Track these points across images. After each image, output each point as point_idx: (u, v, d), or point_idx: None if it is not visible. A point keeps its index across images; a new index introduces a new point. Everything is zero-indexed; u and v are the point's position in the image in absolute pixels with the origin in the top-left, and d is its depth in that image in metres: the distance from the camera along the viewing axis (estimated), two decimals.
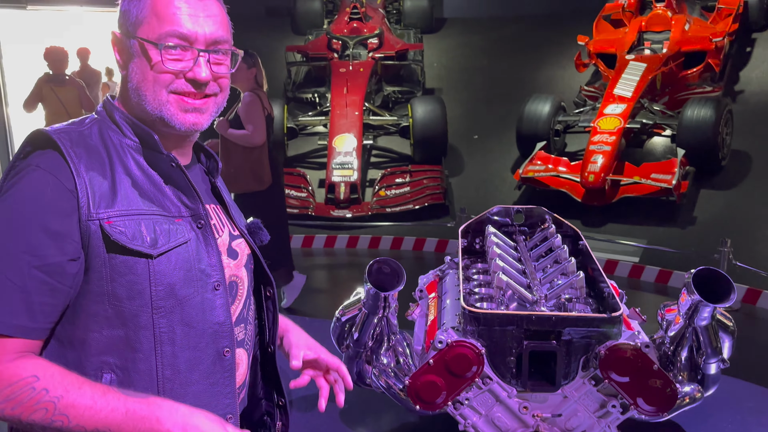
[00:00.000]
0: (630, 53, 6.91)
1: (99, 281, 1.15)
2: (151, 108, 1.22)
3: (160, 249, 1.18)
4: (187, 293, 1.21)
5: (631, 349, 1.54)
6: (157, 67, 1.21)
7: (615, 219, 6.04)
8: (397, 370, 1.82)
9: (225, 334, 1.28)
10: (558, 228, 2.14)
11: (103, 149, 1.19)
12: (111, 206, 1.15)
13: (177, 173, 1.25)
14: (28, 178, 1.13)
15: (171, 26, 1.20)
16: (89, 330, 1.16)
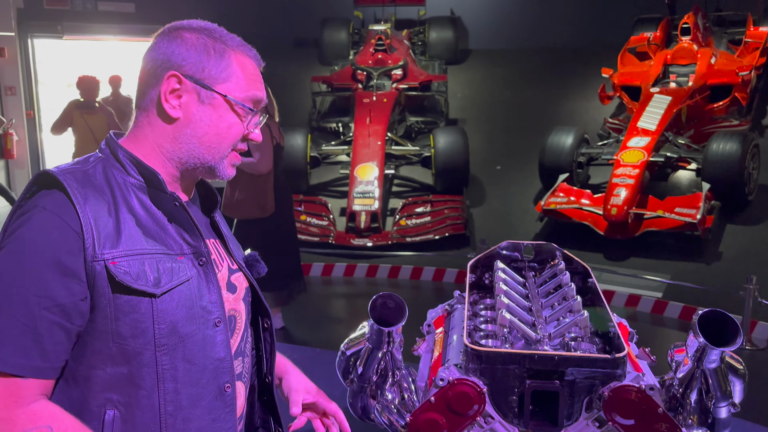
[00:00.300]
0: (655, 86, 6.89)
1: (104, 320, 1.17)
2: (208, 158, 1.28)
3: (163, 288, 1.20)
4: (189, 330, 1.23)
5: (635, 391, 1.51)
6: (236, 126, 1.29)
7: (638, 253, 5.96)
8: (400, 406, 1.81)
9: (226, 369, 1.30)
10: (568, 264, 2.12)
11: (107, 189, 1.21)
12: (115, 246, 1.17)
13: (180, 212, 1.27)
14: (35, 220, 1.15)
15: (254, 91, 1.30)
16: (93, 367, 1.18)
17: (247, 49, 1.32)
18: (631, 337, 2.03)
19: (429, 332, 2.15)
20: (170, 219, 1.26)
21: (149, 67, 1.27)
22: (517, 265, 2.19)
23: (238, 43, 1.31)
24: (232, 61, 1.27)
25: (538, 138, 7.03)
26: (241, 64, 1.29)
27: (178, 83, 1.25)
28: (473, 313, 2.00)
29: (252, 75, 1.31)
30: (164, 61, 1.25)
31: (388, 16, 9.83)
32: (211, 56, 1.26)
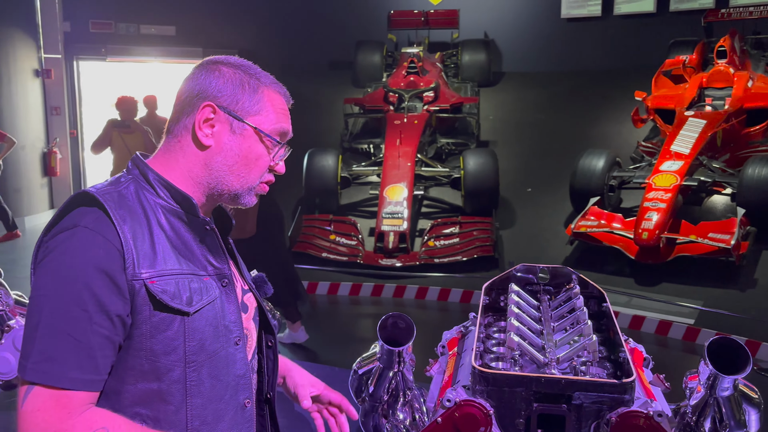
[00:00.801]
0: (690, 109, 6.80)
1: (140, 337, 1.21)
2: (236, 187, 1.34)
3: (195, 307, 1.25)
4: (215, 348, 1.28)
5: (643, 417, 1.51)
6: (263, 159, 1.35)
7: (670, 278, 5.85)
8: (411, 427, 1.82)
9: (245, 386, 1.35)
10: (583, 288, 2.12)
11: (140, 210, 1.26)
12: (153, 266, 1.22)
13: (210, 236, 1.34)
14: (79, 238, 1.18)
15: (282, 125, 1.36)
16: (124, 382, 1.22)
17: (279, 87, 1.39)
18: (646, 363, 2.01)
19: (443, 353, 2.16)
20: (200, 242, 1.32)
21: (186, 96, 1.33)
22: (532, 288, 2.20)
23: (271, 80, 1.38)
24: (263, 97, 1.34)
25: (569, 161, 6.99)
26: (272, 99, 1.35)
27: (213, 113, 1.30)
28: (486, 336, 2.01)
29: (281, 110, 1.37)
30: (201, 92, 1.31)
31: (422, 39, 9.93)
32: (246, 91, 1.32)
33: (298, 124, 5.76)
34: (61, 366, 1.12)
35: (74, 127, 10.93)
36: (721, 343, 1.56)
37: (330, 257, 6.71)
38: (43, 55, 10.43)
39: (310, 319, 5.94)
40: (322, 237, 6.92)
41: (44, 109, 10.49)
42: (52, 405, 1.11)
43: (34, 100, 10.24)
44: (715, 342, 1.55)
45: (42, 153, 10.38)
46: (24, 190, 9.85)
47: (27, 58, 10.09)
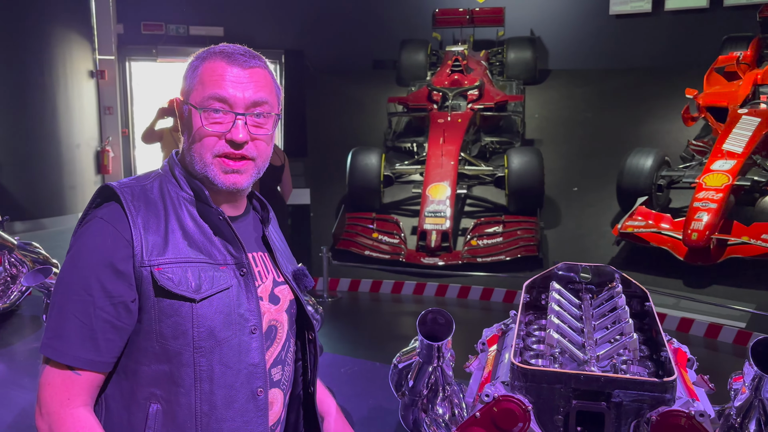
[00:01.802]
0: (743, 107, 6.60)
1: (149, 321, 1.28)
2: (199, 168, 1.35)
3: (203, 294, 1.29)
4: (226, 335, 1.32)
5: (684, 417, 1.49)
6: (200, 131, 1.33)
7: (720, 280, 5.70)
8: (450, 422, 1.84)
9: (259, 375, 1.37)
10: (626, 287, 2.10)
11: (160, 202, 1.33)
12: (162, 254, 1.28)
13: (224, 226, 1.37)
14: (93, 228, 1.29)
15: (212, 90, 1.31)
16: (140, 363, 1.30)
17: (227, 55, 1.33)
18: (690, 364, 1.98)
19: (483, 350, 2.17)
20: (216, 232, 1.36)
21: None
22: (574, 287, 2.19)
23: (220, 51, 1.34)
24: (199, 72, 1.34)
25: (616, 160, 6.87)
26: (208, 69, 1.32)
27: (177, 106, 1.39)
28: (527, 333, 2.01)
29: (217, 76, 1.31)
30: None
31: (467, 37, 9.89)
32: (188, 74, 1.36)
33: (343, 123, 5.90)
34: (67, 344, 1.23)
35: (126, 127, 11.25)
36: (765, 343, 1.53)
37: (372, 255, 6.76)
38: (97, 56, 10.77)
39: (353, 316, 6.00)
40: (365, 235, 6.98)
41: (98, 109, 10.83)
42: (59, 383, 1.23)
43: (88, 100, 10.59)
44: (761, 342, 1.52)
45: (95, 151, 10.72)
46: (78, 188, 10.19)
47: (82, 60, 10.44)
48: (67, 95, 9.93)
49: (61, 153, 9.77)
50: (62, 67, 9.86)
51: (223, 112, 1.32)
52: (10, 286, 3.28)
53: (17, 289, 3.30)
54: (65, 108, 9.86)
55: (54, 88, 9.66)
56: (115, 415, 1.32)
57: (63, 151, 9.79)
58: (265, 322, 1.40)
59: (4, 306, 3.24)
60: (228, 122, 1.33)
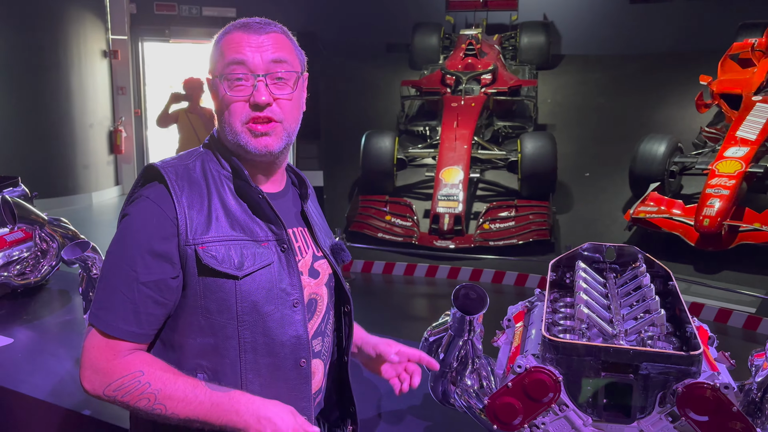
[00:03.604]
0: (757, 94, 6.61)
1: (194, 297, 1.34)
2: (231, 138, 1.39)
3: (245, 271, 1.35)
4: (268, 309, 1.38)
5: (710, 389, 1.56)
6: (225, 98, 1.37)
7: (731, 266, 5.76)
8: (479, 392, 1.91)
9: (302, 346, 1.43)
10: (649, 267, 2.16)
11: (203, 181, 1.38)
12: (206, 233, 1.34)
13: (263, 203, 1.41)
14: (138, 207, 1.35)
15: (231, 56, 1.35)
16: (186, 336, 1.36)
17: (240, 25, 1.37)
18: (711, 341, 2.05)
19: (509, 326, 2.24)
20: (258, 209, 1.41)
21: None
22: (598, 266, 2.25)
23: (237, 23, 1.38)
24: (220, 45, 1.38)
25: (629, 145, 6.91)
26: (226, 41, 1.37)
27: (208, 85, 1.43)
28: (553, 310, 2.07)
29: (234, 44, 1.35)
30: None
31: (480, 21, 9.88)
32: (213, 51, 1.40)
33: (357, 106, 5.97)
34: (111, 315, 1.30)
35: (138, 107, 11.31)
36: None
37: (385, 237, 6.83)
38: (110, 36, 10.80)
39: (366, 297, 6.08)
40: (378, 217, 7.04)
41: (111, 89, 10.89)
42: (103, 345, 1.30)
43: (101, 80, 10.64)
44: None
45: (108, 131, 10.79)
46: (92, 167, 10.28)
47: (95, 40, 10.47)
48: (80, 75, 9.99)
49: (75, 132, 9.85)
50: (76, 47, 9.91)
51: (243, 78, 1.35)
52: (40, 261, 3.36)
53: (47, 263, 3.38)
54: (79, 88, 9.92)
55: (68, 68, 9.72)
56: None
57: (77, 130, 9.87)
58: (306, 296, 1.46)
59: (35, 280, 3.31)
60: (249, 86, 1.35)
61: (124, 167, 11.06)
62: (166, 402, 1.27)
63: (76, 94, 9.94)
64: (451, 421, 2.23)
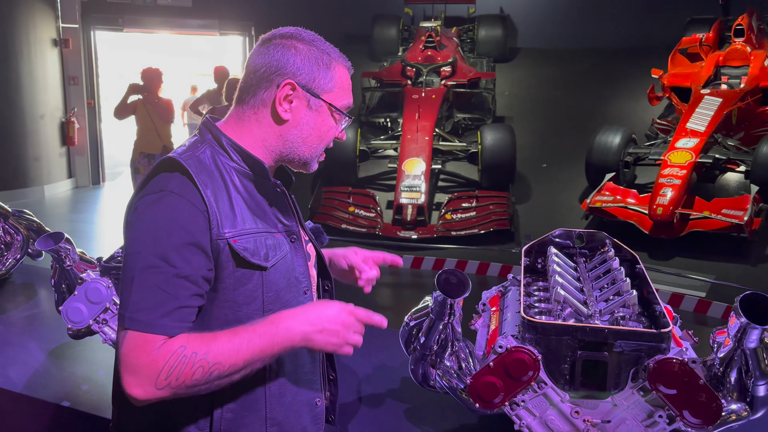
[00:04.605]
0: (705, 87, 6.88)
1: (224, 290, 1.36)
2: (306, 156, 1.47)
3: (271, 262, 1.39)
4: (288, 298, 1.43)
5: (678, 364, 1.66)
6: (333, 130, 1.48)
7: (683, 253, 6.00)
8: (459, 373, 1.98)
9: None
10: (617, 252, 2.27)
11: (218, 174, 1.38)
12: (234, 226, 1.35)
13: (281, 197, 1.47)
14: (166, 202, 1.31)
15: (348, 101, 1.48)
16: (211, 330, 1.35)
17: (345, 60, 1.49)
18: (675, 321, 2.17)
19: (484, 310, 2.32)
20: (271, 202, 1.45)
21: (263, 71, 1.42)
22: (569, 252, 2.35)
23: (338, 55, 1.48)
24: (336, 74, 1.45)
25: (585, 137, 7.10)
26: (342, 75, 1.47)
27: (292, 90, 1.41)
28: (527, 294, 2.16)
29: (348, 85, 1.49)
30: (279, 68, 1.41)
31: (438, 14, 9.97)
32: (321, 68, 1.43)
33: None
34: (153, 315, 1.26)
35: (91, 97, 11.02)
36: (751, 299, 1.71)
37: (349, 228, 6.87)
38: (60, 24, 10.49)
39: None
40: (341, 209, 7.07)
41: (62, 79, 10.59)
42: (142, 344, 1.26)
43: (52, 69, 10.34)
44: (746, 297, 1.70)
45: (60, 123, 10.50)
46: (43, 159, 10.00)
47: (45, 28, 10.16)
48: (30, 64, 9.67)
49: (25, 124, 9.55)
50: (25, 36, 9.60)
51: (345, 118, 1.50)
52: (4, 254, 3.29)
53: (12, 256, 3.31)
54: (29, 78, 9.61)
55: (17, 58, 9.40)
56: None
57: (27, 121, 9.57)
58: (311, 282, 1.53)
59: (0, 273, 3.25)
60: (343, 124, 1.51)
61: (77, 159, 10.79)
62: (221, 359, 1.26)
63: (26, 84, 9.64)
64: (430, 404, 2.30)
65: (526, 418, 1.78)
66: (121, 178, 11.54)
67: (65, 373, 2.51)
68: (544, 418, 1.76)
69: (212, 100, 7.59)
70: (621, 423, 1.72)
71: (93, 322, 2.32)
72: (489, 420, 2.16)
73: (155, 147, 7.03)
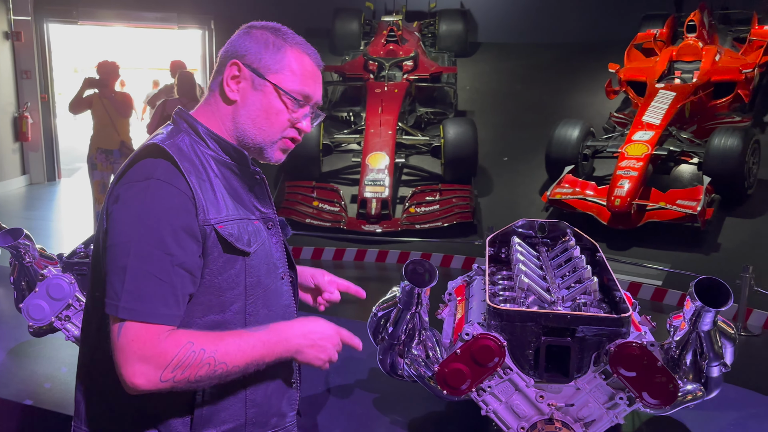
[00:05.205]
0: (660, 82, 7.05)
1: (210, 275, 1.37)
2: (259, 140, 1.45)
3: (253, 247, 1.42)
4: (268, 282, 1.46)
5: (638, 347, 1.72)
6: (282, 114, 1.45)
7: (640, 243, 6.16)
8: (427, 362, 2.02)
9: (290, 314, 1.54)
10: (577, 241, 2.33)
11: (197, 161, 1.40)
12: (219, 212, 1.37)
13: (260, 184, 1.49)
14: (154, 188, 1.31)
15: (303, 87, 1.45)
16: (194, 316, 1.38)
17: (307, 48, 1.49)
18: (634, 307, 2.24)
19: (450, 300, 2.36)
20: (248, 189, 1.47)
21: (221, 57, 1.48)
22: (531, 241, 2.41)
23: (299, 41, 1.48)
24: (287, 56, 1.44)
25: (545, 130, 7.21)
26: (297, 59, 1.45)
27: (238, 70, 1.43)
28: (491, 282, 2.20)
29: (306, 72, 1.46)
30: (232, 52, 1.45)
31: (399, 8, 9.98)
32: (269, 49, 1.44)
33: None
34: (150, 304, 1.27)
35: (45, 92, 10.74)
36: (705, 283, 1.79)
37: (314, 223, 6.86)
38: (12, 17, 10.19)
39: None
40: (305, 203, 7.06)
41: (14, 73, 10.29)
42: (143, 334, 1.27)
43: (4, 63, 10.05)
44: (701, 282, 1.77)
45: (13, 118, 10.21)
46: None
47: None
48: None
49: None
50: None
51: (300, 105, 1.47)
52: None
53: None
54: None
55: None
56: None
57: None
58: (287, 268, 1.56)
59: None
60: (301, 114, 1.47)
61: (31, 155, 10.51)
62: (226, 359, 1.30)
63: None
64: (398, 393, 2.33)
65: (493, 404, 1.82)
66: (77, 174, 11.28)
67: (27, 371, 2.46)
68: (510, 403, 1.80)
69: (169, 95, 7.48)
70: (584, 406, 1.77)
71: (55, 319, 2.29)
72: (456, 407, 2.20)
73: (112, 142, 6.89)
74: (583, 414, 1.78)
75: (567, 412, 1.77)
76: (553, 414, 1.78)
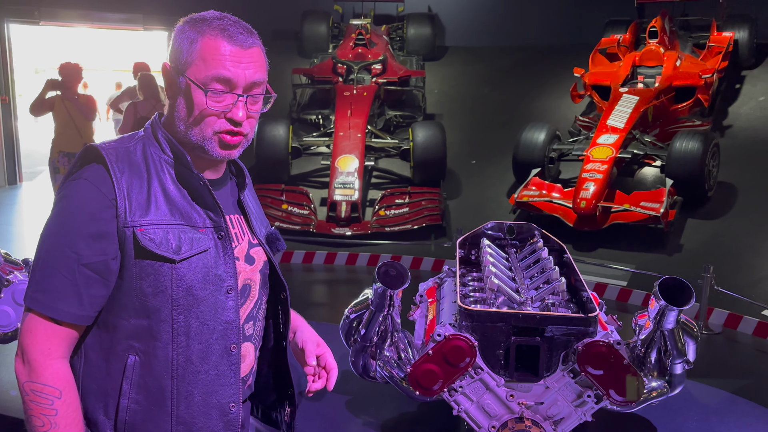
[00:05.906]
0: (623, 86, 7.20)
1: (130, 278, 1.37)
2: (195, 139, 1.41)
3: (182, 255, 1.38)
4: (203, 294, 1.41)
5: (605, 346, 1.77)
6: (204, 110, 1.38)
7: (605, 244, 6.27)
8: (399, 363, 2.04)
9: (233, 331, 1.46)
10: (546, 242, 2.37)
11: (143, 165, 1.40)
12: (145, 216, 1.36)
13: (204, 190, 1.44)
14: (76, 188, 1.36)
15: (216, 70, 1.36)
16: (120, 317, 1.38)
17: (225, 32, 1.37)
18: (600, 306, 2.30)
19: (422, 301, 2.38)
20: (198, 196, 1.43)
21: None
22: (500, 243, 2.45)
23: (218, 27, 1.37)
24: (198, 46, 1.37)
25: (512, 134, 7.30)
26: (209, 46, 1.37)
27: (167, 73, 1.43)
28: (462, 284, 2.23)
29: (220, 56, 1.35)
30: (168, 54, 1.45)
31: (368, 11, 10.02)
32: (184, 45, 1.39)
33: None
34: (51, 298, 1.31)
35: (5, 93, 10.48)
36: (669, 283, 1.84)
37: (283, 226, 6.83)
38: None
39: None
40: (274, 206, 7.03)
41: None
42: (41, 332, 1.32)
43: None
44: (665, 282, 1.82)
45: None
46: None
47: None
48: None
49: None
50: None
51: (223, 92, 1.37)
52: None
53: None
54: None
55: None
56: (95, 364, 1.40)
57: None
58: (240, 281, 1.48)
59: None
60: (229, 102, 1.38)
61: None
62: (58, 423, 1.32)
63: None
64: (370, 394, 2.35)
65: (464, 403, 1.85)
66: (40, 177, 11.04)
67: None
68: (481, 402, 1.83)
69: (132, 97, 7.38)
70: (553, 404, 1.81)
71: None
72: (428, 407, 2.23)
73: (75, 145, 6.76)
74: (553, 412, 1.82)
75: (537, 410, 1.81)
76: (524, 413, 1.81)
